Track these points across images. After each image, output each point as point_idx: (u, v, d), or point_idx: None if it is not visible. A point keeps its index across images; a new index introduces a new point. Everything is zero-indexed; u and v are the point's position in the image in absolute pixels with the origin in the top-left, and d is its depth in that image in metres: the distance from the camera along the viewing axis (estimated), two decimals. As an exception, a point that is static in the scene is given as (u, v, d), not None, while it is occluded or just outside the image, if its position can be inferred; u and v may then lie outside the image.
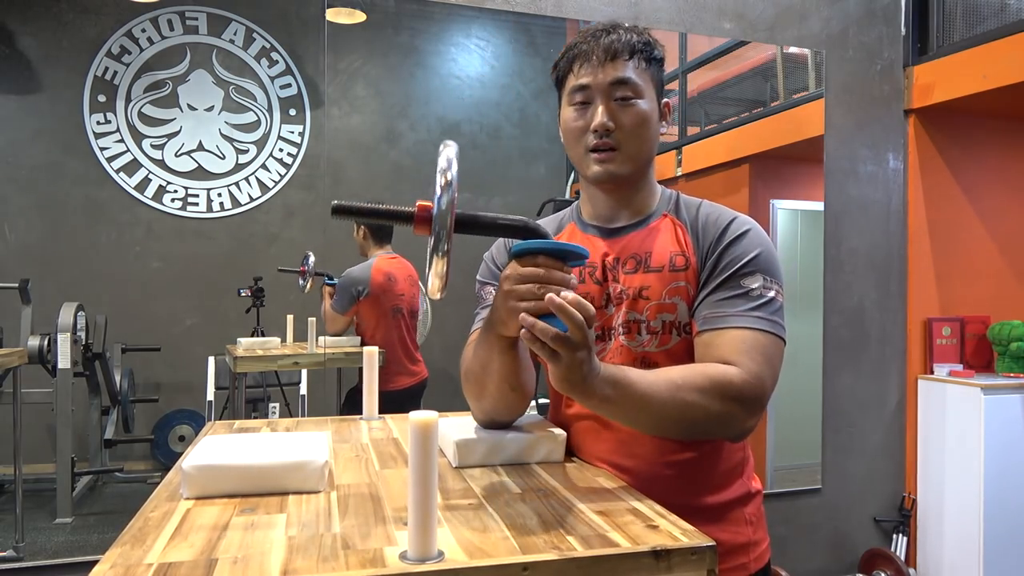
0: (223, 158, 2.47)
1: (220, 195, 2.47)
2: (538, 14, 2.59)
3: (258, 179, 2.51)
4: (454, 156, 0.86)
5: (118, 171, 2.37)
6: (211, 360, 2.41)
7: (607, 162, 1.10)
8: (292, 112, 2.54)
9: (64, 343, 2.28)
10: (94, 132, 2.35)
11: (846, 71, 2.94)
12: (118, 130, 2.37)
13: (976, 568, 2.75)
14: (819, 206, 2.92)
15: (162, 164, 2.41)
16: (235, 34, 2.48)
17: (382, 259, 2.64)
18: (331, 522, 0.82)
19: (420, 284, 2.66)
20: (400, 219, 0.89)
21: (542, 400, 1.35)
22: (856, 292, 2.97)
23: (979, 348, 3.06)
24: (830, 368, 2.94)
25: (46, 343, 2.28)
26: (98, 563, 0.71)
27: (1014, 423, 2.79)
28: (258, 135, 2.51)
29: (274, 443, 1.03)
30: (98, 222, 2.38)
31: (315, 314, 2.51)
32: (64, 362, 2.29)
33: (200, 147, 2.44)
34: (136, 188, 2.39)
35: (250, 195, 2.51)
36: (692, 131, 3.21)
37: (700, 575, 0.75)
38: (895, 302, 3.03)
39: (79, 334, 2.32)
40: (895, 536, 3.00)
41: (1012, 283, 3.17)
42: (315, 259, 2.49)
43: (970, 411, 2.79)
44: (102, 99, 2.35)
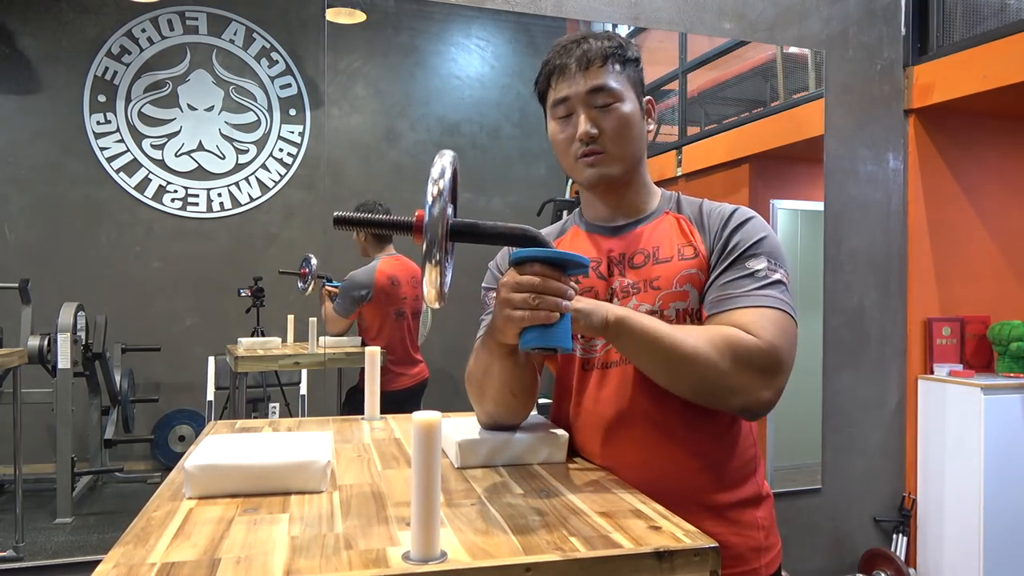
0: (223, 158, 2.47)
1: (220, 195, 2.47)
2: (538, 14, 2.59)
3: (258, 179, 2.51)
4: (448, 165, 0.87)
5: (118, 171, 2.37)
6: (211, 360, 2.41)
7: (597, 164, 1.12)
8: (292, 112, 2.54)
9: (64, 343, 2.27)
10: (94, 132, 2.35)
11: (846, 71, 2.95)
12: (118, 130, 2.36)
13: (976, 568, 2.75)
14: (819, 206, 2.92)
15: (162, 164, 2.41)
16: (235, 34, 2.48)
17: (385, 261, 2.63)
18: (334, 522, 0.82)
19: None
20: (400, 229, 0.90)
21: (543, 400, 1.35)
22: (856, 292, 2.97)
23: (979, 348, 3.06)
24: (830, 368, 2.94)
25: (46, 343, 2.28)
26: (101, 562, 0.71)
27: (1014, 423, 2.80)
28: (258, 135, 2.50)
29: (276, 443, 1.03)
30: (98, 222, 2.38)
31: (315, 314, 2.51)
32: (64, 362, 2.29)
33: (200, 147, 2.44)
34: (136, 188, 2.39)
35: (250, 195, 2.50)
36: (692, 131, 3.21)
37: (703, 576, 0.75)
38: (895, 302, 3.03)
39: (79, 334, 2.32)
40: (895, 536, 3.00)
41: (1012, 283, 3.17)
42: (316, 261, 2.49)
43: (970, 411, 2.79)
44: (102, 99, 2.35)
